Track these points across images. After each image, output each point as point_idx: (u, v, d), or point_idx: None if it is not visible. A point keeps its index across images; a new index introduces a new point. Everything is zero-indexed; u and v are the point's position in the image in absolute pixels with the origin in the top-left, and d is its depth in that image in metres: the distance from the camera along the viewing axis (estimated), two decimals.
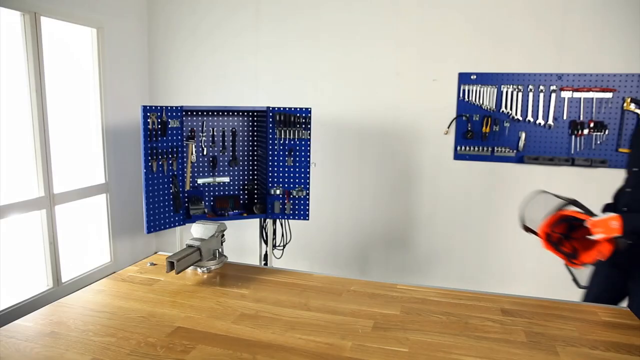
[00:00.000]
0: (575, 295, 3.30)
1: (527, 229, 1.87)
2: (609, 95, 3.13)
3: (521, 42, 3.26)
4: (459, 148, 3.44)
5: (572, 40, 3.17)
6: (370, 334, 1.23)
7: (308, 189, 3.08)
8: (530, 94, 3.26)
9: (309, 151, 3.04)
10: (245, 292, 1.50)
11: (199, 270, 1.65)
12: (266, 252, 3.31)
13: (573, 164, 3.24)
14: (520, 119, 3.29)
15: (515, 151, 3.33)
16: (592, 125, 3.17)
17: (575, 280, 1.64)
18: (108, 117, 3.66)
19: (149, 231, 2.83)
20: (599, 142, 3.19)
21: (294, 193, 3.07)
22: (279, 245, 3.35)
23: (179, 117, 2.91)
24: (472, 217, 3.46)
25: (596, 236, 1.56)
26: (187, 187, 3.06)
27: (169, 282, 1.57)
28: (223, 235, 1.73)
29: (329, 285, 1.54)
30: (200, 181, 3.16)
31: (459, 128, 3.42)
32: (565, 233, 1.64)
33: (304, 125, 3.01)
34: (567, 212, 1.61)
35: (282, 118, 2.98)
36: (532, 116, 3.27)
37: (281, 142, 3.01)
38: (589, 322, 1.32)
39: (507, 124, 3.33)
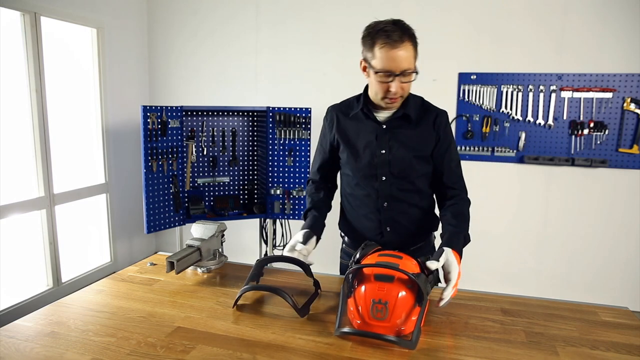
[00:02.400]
0: (575, 295, 3.31)
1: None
2: (609, 95, 3.13)
3: (521, 42, 3.26)
4: (459, 148, 3.44)
5: (572, 40, 3.17)
6: None
7: None
8: (530, 94, 3.26)
9: (309, 151, 3.04)
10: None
11: (199, 270, 1.65)
12: (266, 252, 3.31)
13: (573, 164, 3.24)
14: (520, 119, 3.29)
15: (515, 151, 3.33)
16: (592, 125, 3.17)
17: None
18: (108, 117, 3.66)
19: (149, 231, 2.83)
20: (599, 142, 3.19)
21: (294, 193, 3.07)
22: (279, 245, 3.35)
23: (179, 117, 2.91)
24: (472, 217, 3.46)
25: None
26: (187, 187, 3.06)
27: (169, 282, 1.57)
28: (223, 235, 1.73)
29: (329, 285, 1.54)
30: (200, 181, 3.16)
31: (459, 128, 3.42)
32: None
33: (304, 125, 3.01)
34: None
35: (282, 118, 2.98)
36: (532, 116, 3.27)
37: (281, 142, 3.01)
38: (589, 322, 1.32)
39: (507, 124, 3.33)
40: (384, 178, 1.56)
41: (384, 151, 1.54)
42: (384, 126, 1.55)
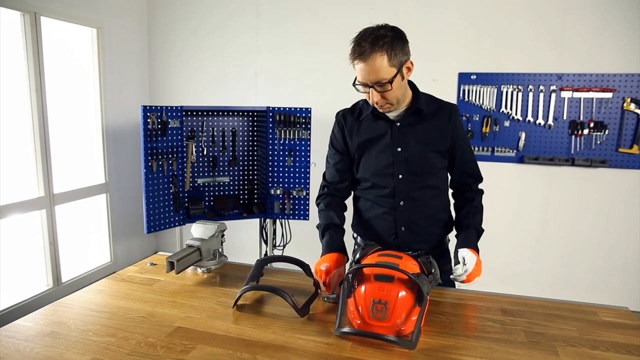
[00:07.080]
0: (575, 295, 3.31)
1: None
2: (609, 95, 3.13)
3: (521, 42, 3.26)
4: None
5: (572, 40, 3.17)
6: None
7: (308, 189, 3.08)
8: (530, 94, 3.26)
9: (309, 151, 3.04)
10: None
11: (199, 270, 1.65)
12: (266, 252, 3.31)
13: (573, 164, 3.24)
14: (520, 119, 3.29)
15: (515, 151, 3.33)
16: (592, 125, 3.17)
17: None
18: (108, 117, 3.66)
19: (149, 231, 2.83)
20: (599, 142, 3.19)
21: (294, 193, 3.07)
22: (279, 245, 3.35)
23: (179, 117, 2.91)
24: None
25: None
26: (187, 187, 3.06)
27: (169, 282, 1.57)
28: (223, 235, 1.73)
29: None
30: (200, 181, 3.16)
31: None
32: None
33: (304, 125, 3.01)
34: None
35: (282, 118, 2.98)
36: (532, 116, 3.27)
37: (281, 142, 3.01)
38: (589, 322, 1.32)
39: (507, 124, 3.33)
40: (400, 176, 1.55)
41: (400, 149, 1.54)
42: (398, 124, 1.54)
